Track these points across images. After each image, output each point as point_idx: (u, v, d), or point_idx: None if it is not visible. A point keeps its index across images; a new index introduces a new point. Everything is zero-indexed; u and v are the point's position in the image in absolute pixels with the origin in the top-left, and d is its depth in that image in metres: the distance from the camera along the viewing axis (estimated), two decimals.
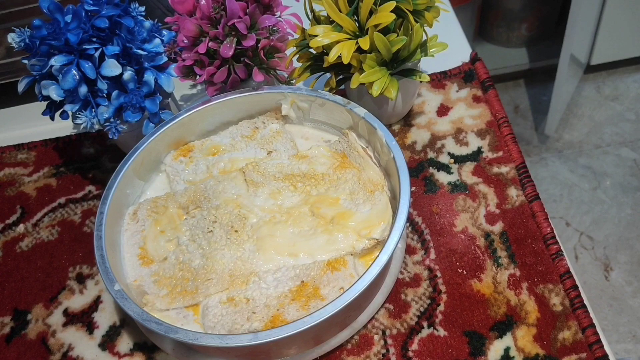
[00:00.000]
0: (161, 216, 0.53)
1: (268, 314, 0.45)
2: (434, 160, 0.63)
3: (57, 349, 0.55)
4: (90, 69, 0.53)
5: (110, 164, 0.69)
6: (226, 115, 0.60)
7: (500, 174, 0.61)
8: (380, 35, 0.53)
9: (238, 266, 0.49)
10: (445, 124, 0.66)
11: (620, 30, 1.57)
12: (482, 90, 0.68)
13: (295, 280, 0.47)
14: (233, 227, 0.51)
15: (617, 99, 1.73)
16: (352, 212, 0.51)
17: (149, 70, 0.57)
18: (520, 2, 1.70)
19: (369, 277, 0.43)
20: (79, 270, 0.60)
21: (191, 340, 0.42)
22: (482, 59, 0.71)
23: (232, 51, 0.56)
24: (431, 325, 0.52)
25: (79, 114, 0.55)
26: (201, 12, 0.56)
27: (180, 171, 0.57)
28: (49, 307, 0.58)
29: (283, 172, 0.54)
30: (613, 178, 1.55)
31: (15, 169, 0.71)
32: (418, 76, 0.58)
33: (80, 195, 0.67)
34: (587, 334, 0.50)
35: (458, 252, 0.56)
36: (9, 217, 0.66)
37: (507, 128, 0.64)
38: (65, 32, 0.52)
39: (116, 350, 0.54)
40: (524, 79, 1.85)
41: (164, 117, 0.58)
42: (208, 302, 0.47)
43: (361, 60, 0.55)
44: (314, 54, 0.60)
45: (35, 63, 0.54)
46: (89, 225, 0.64)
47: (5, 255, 0.63)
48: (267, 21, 0.58)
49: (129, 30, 0.56)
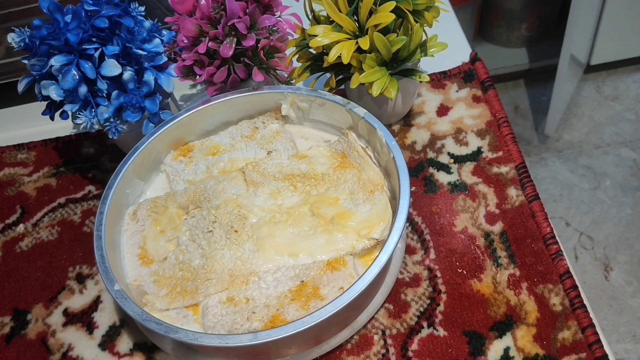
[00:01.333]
0: (161, 216, 0.53)
1: (268, 314, 0.45)
2: (434, 160, 0.63)
3: (57, 348, 0.55)
4: (90, 69, 0.53)
5: (110, 164, 0.69)
6: (226, 115, 0.60)
7: (500, 174, 0.61)
8: (380, 35, 0.53)
9: (238, 266, 0.49)
10: (445, 124, 0.66)
11: (620, 30, 1.57)
12: (482, 90, 0.68)
13: (295, 280, 0.47)
14: (233, 227, 0.51)
15: (617, 99, 1.73)
16: (352, 212, 0.51)
17: (148, 70, 0.57)
18: (520, 2, 1.70)
19: (369, 277, 0.43)
20: (78, 270, 0.60)
21: (191, 340, 0.42)
22: (482, 59, 0.71)
23: (232, 51, 0.56)
24: (431, 325, 0.52)
25: (78, 114, 0.55)
26: (201, 12, 0.56)
27: (180, 171, 0.57)
28: (48, 307, 0.58)
29: (283, 172, 0.54)
30: (613, 178, 1.55)
31: (15, 169, 0.71)
32: (418, 76, 0.58)
33: (80, 195, 0.67)
34: (587, 334, 0.50)
35: (458, 252, 0.56)
36: (9, 217, 0.66)
37: (507, 128, 0.64)
38: (65, 32, 0.52)
39: (116, 350, 0.54)
40: (524, 79, 1.85)
41: (163, 117, 0.58)
42: (208, 302, 0.47)
43: (361, 60, 0.55)
44: (313, 54, 0.60)
45: (35, 63, 0.54)
46: (88, 225, 0.64)
47: (5, 255, 0.63)
48: (267, 21, 0.58)
49: (128, 30, 0.56)
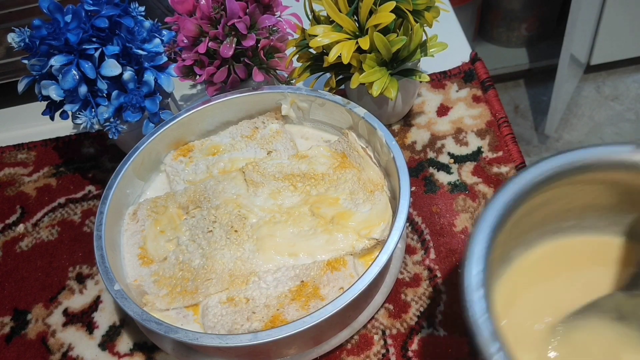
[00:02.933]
0: (161, 216, 0.53)
1: (268, 314, 0.45)
2: (434, 160, 0.63)
3: (57, 348, 0.55)
4: (90, 69, 0.53)
5: (110, 164, 0.69)
6: (226, 115, 0.60)
7: (500, 174, 0.61)
8: (380, 35, 0.53)
9: (238, 266, 0.49)
10: (445, 124, 0.66)
11: (620, 30, 1.57)
12: (482, 90, 0.68)
13: (295, 280, 0.47)
14: (233, 227, 0.51)
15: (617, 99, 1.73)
16: (352, 212, 0.51)
17: (148, 70, 0.57)
18: (520, 2, 1.70)
19: (369, 277, 0.43)
20: (78, 270, 0.60)
21: (191, 340, 0.42)
22: (482, 59, 0.71)
23: (232, 51, 0.56)
24: (431, 325, 0.52)
25: (79, 114, 0.55)
26: (201, 12, 0.56)
27: (180, 171, 0.57)
28: (48, 307, 0.58)
29: (283, 172, 0.54)
30: None
31: (15, 169, 0.71)
32: (418, 76, 0.58)
33: (80, 195, 0.67)
34: None
35: (458, 252, 0.56)
36: (9, 217, 0.66)
37: (507, 128, 0.64)
38: (65, 32, 0.52)
39: (116, 350, 0.54)
40: (524, 79, 1.85)
41: (163, 117, 0.58)
42: (208, 302, 0.47)
43: (361, 60, 0.55)
44: (313, 54, 0.60)
45: (35, 63, 0.54)
46: (89, 225, 0.64)
47: (5, 255, 0.63)
48: (267, 21, 0.58)
49: (128, 30, 0.56)
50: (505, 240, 0.38)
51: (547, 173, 0.38)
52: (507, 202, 0.37)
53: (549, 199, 0.40)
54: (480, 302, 0.33)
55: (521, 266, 0.44)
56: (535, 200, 0.39)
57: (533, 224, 0.42)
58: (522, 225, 0.40)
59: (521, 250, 0.44)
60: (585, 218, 0.43)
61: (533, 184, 0.38)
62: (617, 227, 0.43)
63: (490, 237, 0.35)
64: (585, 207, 0.42)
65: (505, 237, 0.38)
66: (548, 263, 0.44)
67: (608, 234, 0.44)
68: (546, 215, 0.42)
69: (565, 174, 0.38)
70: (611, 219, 0.43)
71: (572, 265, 0.44)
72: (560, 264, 0.44)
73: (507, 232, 0.38)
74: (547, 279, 0.44)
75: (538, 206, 0.40)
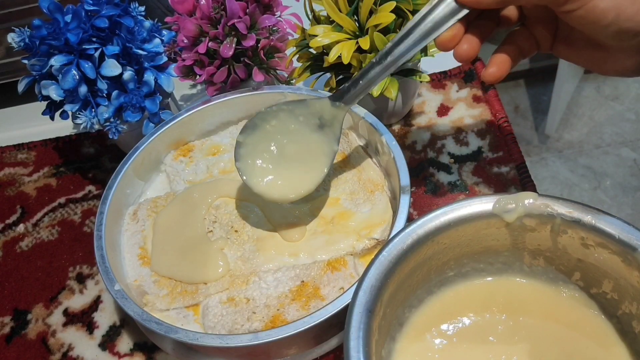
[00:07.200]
0: None
1: (268, 314, 0.45)
2: (434, 160, 0.63)
3: (57, 348, 0.55)
4: (90, 69, 0.53)
5: (110, 164, 0.69)
6: (226, 115, 0.60)
7: (500, 174, 0.61)
8: (380, 35, 0.53)
9: (238, 266, 0.49)
10: (445, 124, 0.66)
11: None
12: (482, 90, 0.68)
13: (295, 280, 0.47)
14: (233, 227, 0.51)
15: (617, 99, 1.73)
16: (352, 212, 0.51)
17: (149, 70, 0.57)
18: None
19: None
20: (79, 270, 0.60)
21: (191, 340, 0.42)
22: (482, 59, 0.71)
23: (232, 51, 0.56)
24: None
25: (79, 114, 0.55)
26: (201, 12, 0.56)
27: (181, 171, 0.57)
28: (49, 307, 0.58)
29: None
30: (613, 178, 1.55)
31: (15, 169, 0.71)
32: (418, 76, 0.58)
33: (80, 195, 0.67)
34: None
35: None
36: (9, 217, 0.66)
37: (507, 128, 0.64)
38: (65, 32, 0.52)
39: (116, 350, 0.54)
40: (524, 79, 1.85)
41: (164, 117, 0.58)
42: (208, 302, 0.47)
43: (361, 60, 0.55)
44: (314, 54, 0.60)
45: (35, 63, 0.54)
46: (89, 225, 0.64)
47: (5, 255, 0.63)
48: (267, 21, 0.58)
49: (129, 30, 0.56)
50: (388, 311, 0.39)
51: (410, 241, 0.39)
52: (378, 279, 0.37)
53: (424, 259, 0.40)
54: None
55: (419, 321, 0.43)
56: (408, 264, 0.39)
57: (417, 283, 0.42)
58: (405, 288, 0.40)
59: (415, 307, 0.43)
60: (464, 265, 0.43)
61: (399, 256, 0.38)
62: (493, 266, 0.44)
63: (367, 319, 0.35)
64: (462, 256, 0.42)
65: (388, 309, 0.38)
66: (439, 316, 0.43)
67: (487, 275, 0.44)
68: (428, 270, 0.42)
69: (429, 236, 0.39)
70: (486, 261, 0.43)
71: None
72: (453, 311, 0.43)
73: (387, 305, 0.38)
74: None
75: (414, 269, 0.40)
